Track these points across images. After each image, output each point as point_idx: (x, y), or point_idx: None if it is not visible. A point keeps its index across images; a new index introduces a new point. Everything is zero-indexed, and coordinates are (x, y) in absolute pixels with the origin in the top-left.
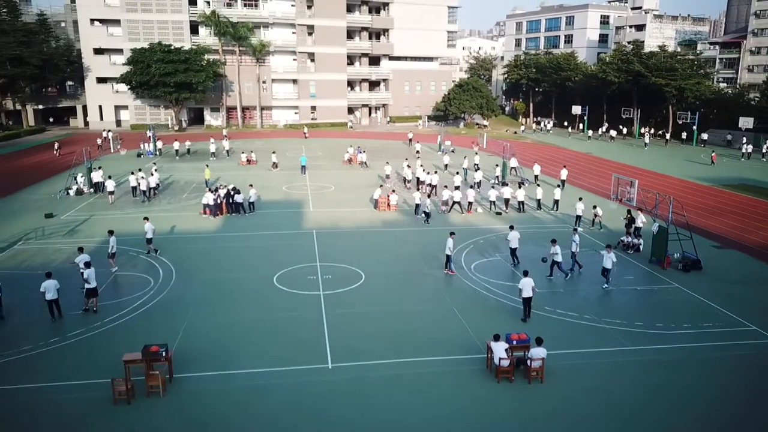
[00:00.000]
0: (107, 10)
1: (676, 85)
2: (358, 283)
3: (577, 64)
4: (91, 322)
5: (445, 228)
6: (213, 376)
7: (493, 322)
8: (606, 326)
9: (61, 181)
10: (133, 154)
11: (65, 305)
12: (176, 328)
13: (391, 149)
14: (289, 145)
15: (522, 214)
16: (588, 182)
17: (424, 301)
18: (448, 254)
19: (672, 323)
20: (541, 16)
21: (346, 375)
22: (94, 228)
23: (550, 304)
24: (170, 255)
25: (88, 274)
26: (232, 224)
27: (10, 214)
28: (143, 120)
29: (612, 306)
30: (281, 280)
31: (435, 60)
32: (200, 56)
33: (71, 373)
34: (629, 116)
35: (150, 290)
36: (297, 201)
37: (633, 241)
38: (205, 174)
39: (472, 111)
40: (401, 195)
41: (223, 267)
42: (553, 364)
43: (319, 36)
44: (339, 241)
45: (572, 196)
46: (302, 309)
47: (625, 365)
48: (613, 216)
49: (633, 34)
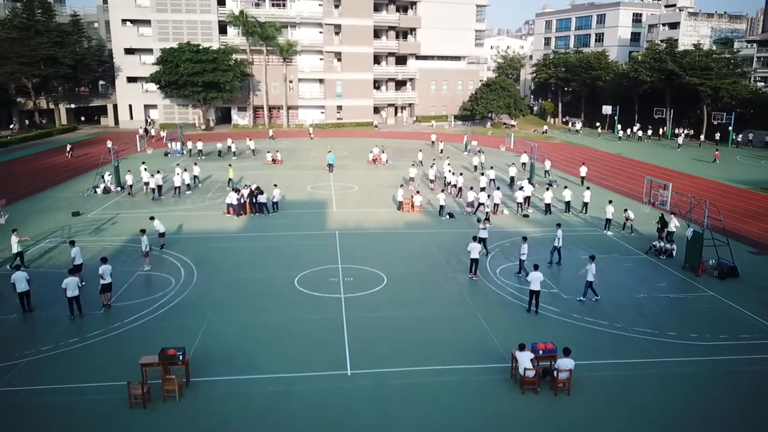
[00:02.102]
0: (138, 10)
1: (712, 84)
2: (380, 287)
3: (608, 63)
4: (111, 322)
5: (470, 231)
6: (230, 381)
7: (518, 329)
8: (637, 336)
9: (91, 180)
10: (160, 153)
11: (87, 305)
12: (195, 330)
13: (416, 150)
14: (313, 145)
15: (548, 217)
16: (617, 184)
17: (447, 306)
18: (474, 258)
19: (707, 334)
20: (571, 14)
21: (366, 382)
22: (120, 227)
23: (579, 311)
24: (193, 254)
25: (103, 270)
26: (255, 224)
27: (39, 212)
28: (172, 119)
29: (643, 314)
30: (302, 281)
31: (462, 59)
32: (228, 56)
33: (88, 375)
34: (662, 116)
35: (171, 290)
36: (321, 201)
37: (666, 246)
38: (229, 173)
39: (499, 111)
40: (425, 196)
41: (245, 267)
42: (580, 375)
43: (346, 35)
44: (361, 243)
45: (602, 198)
46: (323, 312)
47: (656, 378)
48: (645, 220)
49: (666, 32)
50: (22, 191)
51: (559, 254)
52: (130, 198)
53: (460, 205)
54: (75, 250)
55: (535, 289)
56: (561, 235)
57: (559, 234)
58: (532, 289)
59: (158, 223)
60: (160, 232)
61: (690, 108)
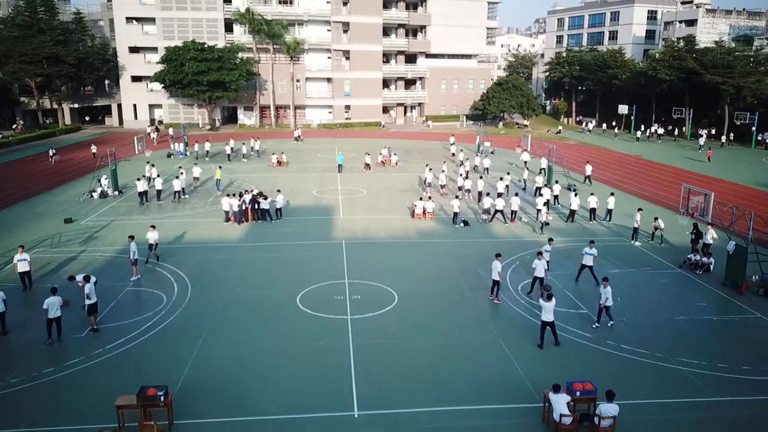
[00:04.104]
0: (143, 8)
1: (734, 83)
2: (390, 306)
3: (624, 61)
4: (92, 348)
5: (486, 240)
6: (219, 424)
7: (547, 359)
8: (682, 367)
9: (88, 183)
10: (159, 155)
11: (68, 328)
12: (184, 358)
13: (425, 150)
14: (320, 146)
15: (571, 225)
16: (641, 188)
17: (466, 331)
18: (496, 279)
19: (764, 366)
20: (584, 11)
21: (375, 427)
22: (113, 234)
23: (613, 338)
24: (188, 267)
25: (89, 289)
26: (257, 233)
27: (32, 218)
28: (177, 119)
29: (686, 340)
30: (305, 299)
31: (473, 58)
32: (234, 54)
33: (59, 416)
34: (680, 116)
35: (162, 309)
36: (327, 207)
37: (702, 260)
38: (216, 174)
39: (511, 110)
40: (438, 202)
41: (243, 282)
42: (623, 419)
43: (354, 33)
44: (370, 254)
45: (627, 205)
46: (327, 337)
47: (709, 423)
48: (677, 229)
49: (683, 29)
50: (17, 194)
51: (594, 275)
52: (126, 204)
53: (475, 212)
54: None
55: (547, 320)
56: (596, 254)
57: (594, 252)
58: (545, 320)
59: (154, 233)
60: (150, 243)
61: (710, 107)
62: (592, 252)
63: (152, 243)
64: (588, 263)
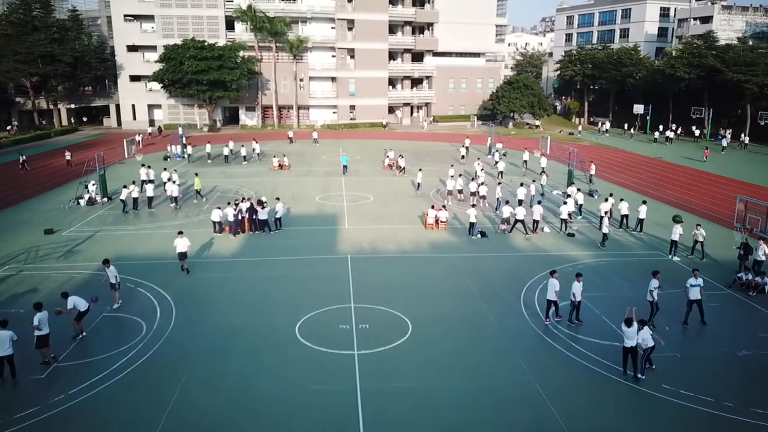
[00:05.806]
0: (141, 5)
1: (758, 81)
2: (404, 338)
3: (640, 59)
4: (51, 395)
5: (507, 255)
6: None
7: (593, 410)
8: (763, 424)
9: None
10: (152, 159)
11: (24, 368)
12: (161, 408)
13: (434, 152)
14: (322, 149)
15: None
16: (667, 194)
17: (494, 371)
18: (553, 299)
19: None
20: (594, 9)
21: None
22: (96, 248)
23: (670, 380)
24: (174, 288)
25: (39, 319)
26: (254, 246)
27: (11, 228)
28: (177, 119)
29: (758, 383)
30: (306, 328)
31: (481, 56)
32: (235, 53)
33: None
34: (699, 116)
35: (139, 342)
36: (331, 215)
37: (756, 280)
38: (195, 184)
39: (522, 110)
40: (451, 210)
41: (235, 306)
42: None
43: (359, 31)
44: (378, 271)
45: (657, 212)
46: (330, 380)
47: None
48: (720, 242)
49: (698, 27)
50: (3, 201)
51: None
52: (114, 212)
53: (492, 221)
54: (39, 316)
55: (629, 346)
56: (702, 284)
57: (700, 282)
58: (627, 347)
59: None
60: (179, 251)
61: (730, 107)
62: (698, 283)
63: (182, 251)
64: (695, 297)
